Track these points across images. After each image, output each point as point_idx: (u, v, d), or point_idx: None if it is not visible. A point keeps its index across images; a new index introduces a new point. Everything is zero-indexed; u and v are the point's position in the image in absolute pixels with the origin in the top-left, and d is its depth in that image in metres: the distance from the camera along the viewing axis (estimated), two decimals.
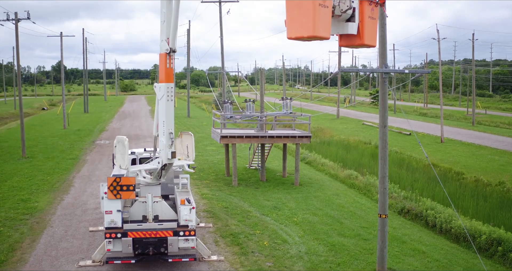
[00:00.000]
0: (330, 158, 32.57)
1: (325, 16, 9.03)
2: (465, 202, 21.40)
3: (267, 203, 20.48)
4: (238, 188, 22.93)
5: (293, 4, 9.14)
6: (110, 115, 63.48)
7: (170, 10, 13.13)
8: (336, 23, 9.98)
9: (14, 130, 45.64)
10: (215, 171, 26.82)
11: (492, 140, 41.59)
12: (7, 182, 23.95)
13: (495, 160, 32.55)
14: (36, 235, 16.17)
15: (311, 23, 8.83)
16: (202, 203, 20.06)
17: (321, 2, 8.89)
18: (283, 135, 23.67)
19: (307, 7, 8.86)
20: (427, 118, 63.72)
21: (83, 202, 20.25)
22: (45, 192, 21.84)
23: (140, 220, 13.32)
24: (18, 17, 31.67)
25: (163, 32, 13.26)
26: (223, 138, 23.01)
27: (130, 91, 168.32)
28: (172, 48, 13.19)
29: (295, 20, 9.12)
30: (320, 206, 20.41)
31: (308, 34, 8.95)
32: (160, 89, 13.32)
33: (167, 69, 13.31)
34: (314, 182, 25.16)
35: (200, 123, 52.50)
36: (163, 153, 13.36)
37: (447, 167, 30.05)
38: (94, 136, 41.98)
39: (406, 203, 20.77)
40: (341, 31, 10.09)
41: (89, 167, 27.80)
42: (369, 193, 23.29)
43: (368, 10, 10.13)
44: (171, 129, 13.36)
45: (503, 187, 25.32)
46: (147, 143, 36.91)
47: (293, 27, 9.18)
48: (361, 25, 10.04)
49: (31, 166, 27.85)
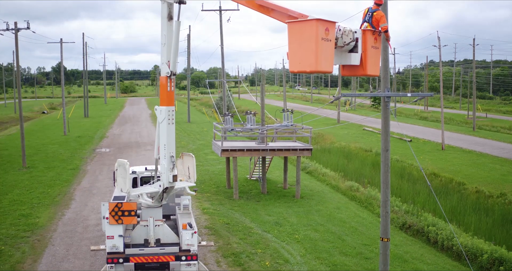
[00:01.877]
0: (331, 167, 32.53)
1: (327, 49, 9.00)
2: (467, 217, 21.37)
3: (268, 218, 20.45)
4: (239, 202, 22.88)
5: (295, 38, 9.10)
6: (110, 120, 63.43)
7: (171, 32, 13.09)
8: (339, 54, 9.95)
9: (14, 136, 45.55)
10: (216, 182, 26.77)
11: (493, 147, 41.54)
12: (8, 195, 23.91)
13: (496, 169, 32.50)
14: (38, 254, 16.13)
15: (314, 58, 8.80)
16: (204, 219, 20.02)
17: (324, 36, 8.85)
18: (284, 148, 23.63)
19: (310, 42, 8.82)
20: (428, 122, 63.66)
21: (84, 218, 20.21)
22: (46, 206, 21.80)
23: (141, 243, 13.28)
24: (18, 27, 31.63)
25: (163, 55, 13.22)
26: (224, 151, 22.97)
27: (130, 93, 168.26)
28: (172, 71, 13.14)
29: (297, 54, 9.08)
30: (322, 221, 20.37)
31: (310, 69, 8.93)
32: (161, 112, 13.27)
33: (168, 92, 13.26)
34: (315, 194, 25.12)
35: (201, 129, 52.46)
36: (165, 176, 13.31)
37: (448, 177, 30.02)
38: (94, 143, 41.93)
39: (407, 218, 20.74)
40: (343, 62, 10.05)
41: (90, 178, 27.75)
42: (371, 206, 23.25)
43: (371, 40, 10.10)
44: (172, 153, 13.31)
45: (505, 199, 25.31)
46: (147, 151, 36.90)
47: (296, 61, 9.15)
48: (364, 55, 10.00)
49: (32, 177, 27.81)
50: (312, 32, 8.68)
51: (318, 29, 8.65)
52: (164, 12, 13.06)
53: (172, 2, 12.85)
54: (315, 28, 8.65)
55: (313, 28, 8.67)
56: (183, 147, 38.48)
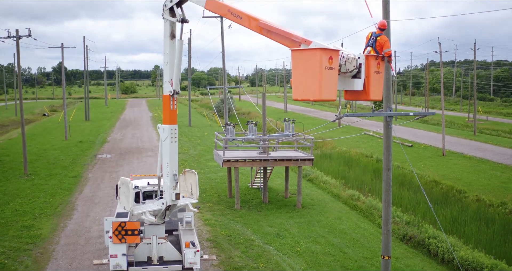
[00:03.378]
0: (332, 174, 32.59)
1: (331, 78, 9.04)
2: (467, 228, 21.43)
3: (270, 229, 20.51)
4: (240, 212, 22.95)
5: (299, 65, 9.13)
6: (111, 124, 63.48)
7: (173, 51, 13.16)
8: (342, 79, 9.98)
9: (15, 141, 45.58)
10: (218, 191, 26.83)
11: (493, 152, 41.60)
12: (10, 204, 23.98)
13: (496, 176, 32.58)
14: (41, 268, 16.21)
15: (318, 87, 8.84)
16: (206, 231, 20.09)
17: (327, 64, 8.89)
18: (285, 158, 23.69)
19: (313, 71, 8.86)
20: (428, 126, 63.70)
21: (87, 229, 20.28)
22: (48, 217, 21.87)
23: (145, 261, 13.36)
24: (19, 34, 31.69)
25: (166, 74, 13.30)
26: (226, 161, 23.04)
27: (131, 94, 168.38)
28: (175, 90, 13.23)
29: (301, 82, 9.11)
30: (323, 232, 20.43)
31: (314, 98, 8.97)
32: (164, 131, 13.35)
33: (171, 111, 13.35)
34: (317, 203, 25.18)
35: (202, 133, 52.50)
36: (167, 194, 13.41)
37: (449, 185, 30.10)
38: (95, 148, 41.99)
39: (408, 229, 20.80)
40: (347, 87, 10.10)
41: (92, 187, 27.81)
42: (371, 216, 23.31)
43: (374, 65, 10.15)
44: (175, 171, 13.40)
45: (505, 208, 25.40)
46: (149, 158, 36.97)
47: (299, 89, 9.18)
48: (367, 80, 10.06)
49: (34, 186, 27.87)
50: (316, 61, 8.73)
51: (322, 58, 8.70)
52: (166, 31, 13.14)
53: (175, 21, 12.92)
54: (319, 57, 8.70)
55: (317, 57, 8.72)
56: (184, 152, 38.54)
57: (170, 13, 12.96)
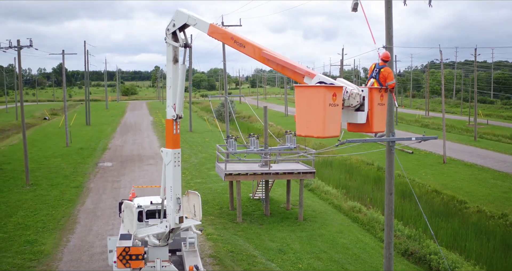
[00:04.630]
0: (333, 183, 32.68)
1: (335, 115, 9.11)
2: (468, 242, 21.50)
3: (272, 244, 20.59)
4: (242, 225, 23.03)
5: (303, 102, 9.20)
6: (112, 129, 63.58)
7: (177, 75, 13.24)
8: (345, 112, 10.03)
9: (16, 147, 45.62)
10: (219, 203, 26.91)
11: (494, 160, 41.68)
12: (13, 217, 24.07)
13: (497, 186, 32.67)
14: None
15: (321, 125, 8.90)
16: (208, 246, 20.16)
17: (331, 101, 8.96)
18: (287, 171, 23.78)
19: (317, 108, 8.92)
20: (429, 130, 63.75)
21: (89, 244, 20.35)
22: (50, 231, 21.94)
23: None
24: (21, 45, 31.78)
25: (169, 98, 13.40)
26: (228, 175, 23.12)
27: (131, 95, 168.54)
28: (178, 114, 13.31)
29: (305, 119, 9.18)
30: (324, 247, 20.51)
31: (318, 135, 9.04)
32: (167, 155, 13.43)
33: (174, 135, 13.44)
34: (318, 215, 25.25)
35: (203, 139, 52.59)
36: (171, 217, 13.48)
37: (450, 195, 30.18)
38: (96, 156, 42.06)
39: (409, 244, 20.89)
40: (350, 120, 10.15)
41: (93, 198, 27.89)
42: (373, 229, 23.40)
43: (377, 98, 10.21)
44: (178, 195, 13.47)
45: (506, 220, 25.48)
46: (150, 166, 37.05)
47: (303, 125, 9.25)
48: (370, 113, 10.10)
49: (36, 197, 27.96)
50: (320, 99, 8.80)
51: (325, 96, 8.77)
52: (169, 55, 13.22)
53: (178, 46, 12.99)
54: (322, 95, 8.77)
55: (321, 95, 8.79)
56: (185, 161, 38.63)
57: (173, 38, 13.03)
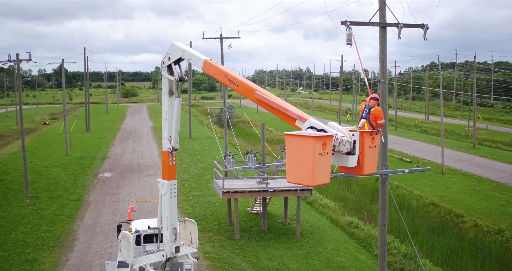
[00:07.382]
0: (331, 195, 32.84)
1: (324, 163, 9.24)
2: (463, 261, 21.66)
3: (269, 263, 20.78)
4: (240, 243, 23.21)
5: (293, 150, 9.32)
6: (112, 135, 63.78)
7: (172, 108, 13.43)
8: (336, 156, 10.17)
9: (16, 156, 45.79)
10: (217, 218, 27.09)
11: (493, 169, 41.81)
12: (12, 233, 24.27)
13: (495, 198, 32.81)
14: None
15: (311, 174, 9.04)
16: (205, 266, 20.35)
17: (321, 151, 9.10)
18: (284, 189, 23.96)
19: (306, 158, 9.05)
20: (428, 137, 63.92)
21: (88, 263, 20.55)
22: (50, 249, 22.14)
23: None
24: (20, 58, 32.00)
25: (165, 130, 13.59)
26: (225, 193, 23.31)
27: (131, 97, 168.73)
28: (174, 147, 13.49)
29: (295, 166, 9.32)
30: (321, 266, 20.69)
31: (307, 183, 9.19)
32: (164, 186, 13.62)
33: (170, 167, 13.60)
34: (315, 231, 25.43)
35: (202, 147, 52.77)
36: (167, 247, 13.69)
37: (447, 208, 30.34)
38: (96, 165, 42.25)
39: (405, 263, 21.07)
40: (341, 163, 10.28)
41: (93, 212, 28.09)
42: (369, 246, 23.57)
43: (368, 141, 10.35)
44: (174, 225, 13.67)
45: (502, 235, 25.63)
46: (149, 177, 37.23)
47: (293, 173, 9.39)
48: (361, 156, 10.23)
49: (35, 211, 28.17)
50: (309, 148, 8.93)
51: (315, 145, 8.89)
52: (165, 87, 13.43)
53: (173, 80, 13.20)
54: (312, 145, 8.89)
55: (310, 145, 8.91)
56: (184, 171, 38.81)
57: (168, 71, 13.23)
